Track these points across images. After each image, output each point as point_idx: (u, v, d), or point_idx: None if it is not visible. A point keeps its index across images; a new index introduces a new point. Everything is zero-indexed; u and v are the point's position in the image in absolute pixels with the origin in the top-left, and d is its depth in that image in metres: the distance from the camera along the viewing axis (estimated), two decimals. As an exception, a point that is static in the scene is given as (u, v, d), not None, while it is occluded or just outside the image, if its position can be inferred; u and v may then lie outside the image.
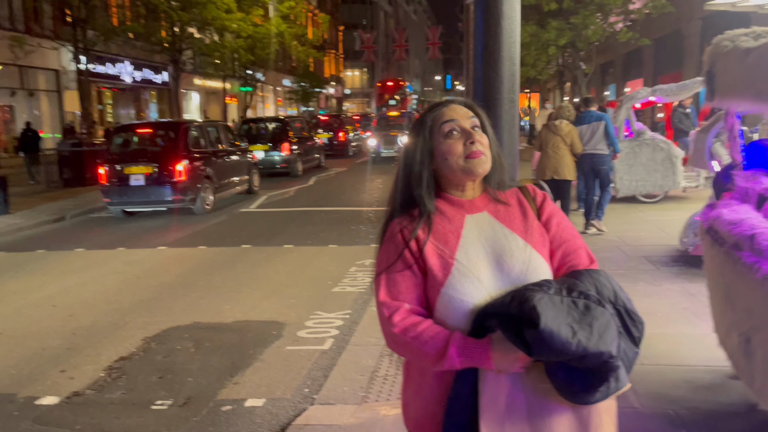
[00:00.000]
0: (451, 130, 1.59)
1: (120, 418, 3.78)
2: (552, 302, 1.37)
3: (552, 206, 1.67)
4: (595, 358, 1.36)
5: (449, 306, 1.50)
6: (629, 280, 5.81)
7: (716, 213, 3.06)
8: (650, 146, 10.09)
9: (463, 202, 1.63)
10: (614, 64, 31.28)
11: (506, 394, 1.46)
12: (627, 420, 3.25)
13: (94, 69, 21.80)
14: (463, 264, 1.52)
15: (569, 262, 1.59)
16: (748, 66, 2.58)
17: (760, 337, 2.64)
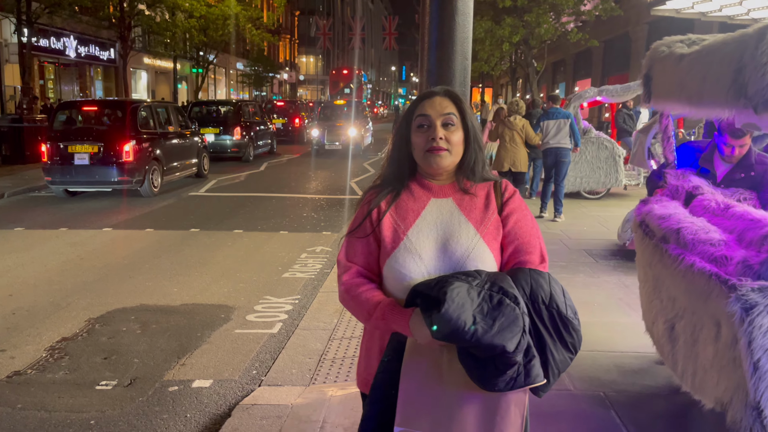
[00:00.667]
0: (421, 124, 1.71)
1: (63, 397, 3.74)
2: (467, 293, 1.48)
3: (516, 204, 1.75)
4: (488, 349, 1.45)
5: (390, 276, 1.67)
6: (569, 272, 6.07)
7: (648, 208, 3.26)
8: (595, 144, 10.46)
9: (432, 186, 1.76)
10: (565, 64, 32.09)
11: (426, 369, 1.58)
12: (561, 400, 3.45)
13: (37, 43, 20.93)
14: (411, 241, 1.67)
15: (518, 258, 1.68)
16: (680, 71, 2.77)
17: (682, 324, 2.85)
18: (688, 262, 2.61)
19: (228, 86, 43.24)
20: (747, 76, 2.13)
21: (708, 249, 2.58)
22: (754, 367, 2.24)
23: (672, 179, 3.47)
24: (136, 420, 3.49)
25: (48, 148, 10.91)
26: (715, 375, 2.54)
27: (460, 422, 1.53)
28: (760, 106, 2.12)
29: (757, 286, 2.23)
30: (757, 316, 2.21)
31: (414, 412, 1.55)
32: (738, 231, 2.67)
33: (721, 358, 2.47)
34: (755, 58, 2.10)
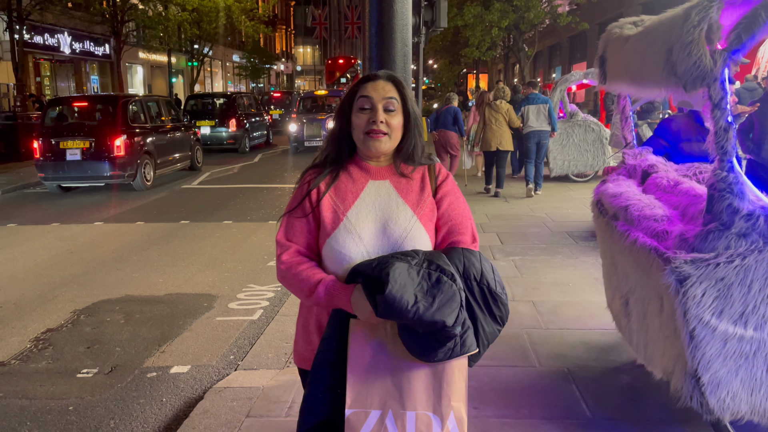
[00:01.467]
0: (363, 106, 1.76)
1: (44, 385, 3.85)
2: (408, 272, 1.56)
3: (450, 187, 1.84)
4: (430, 325, 1.54)
5: (331, 255, 1.72)
6: (549, 254, 6.15)
7: (604, 187, 3.34)
8: (582, 127, 10.50)
9: (371, 168, 1.81)
10: (560, 47, 31.97)
11: (372, 347, 1.65)
12: (525, 377, 3.56)
13: (31, 39, 20.96)
14: (351, 222, 1.73)
15: (451, 238, 1.78)
16: (625, 52, 2.83)
17: (634, 298, 2.93)
18: (632, 237, 2.69)
19: (225, 79, 43.19)
20: (675, 55, 2.20)
21: (651, 224, 2.65)
22: (690, 336, 2.33)
23: (629, 159, 3.54)
24: (114, 405, 3.59)
25: (40, 144, 10.99)
26: (661, 346, 2.63)
27: (410, 393, 1.62)
28: (688, 85, 2.18)
29: (690, 258, 2.31)
30: (691, 287, 2.28)
31: (364, 391, 1.62)
32: (683, 206, 2.74)
33: (664, 330, 2.55)
34: (681, 38, 2.17)
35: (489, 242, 6.70)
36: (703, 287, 2.30)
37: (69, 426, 3.37)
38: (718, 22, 2.18)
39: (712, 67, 2.15)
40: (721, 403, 2.40)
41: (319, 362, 1.70)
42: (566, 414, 3.12)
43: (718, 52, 2.17)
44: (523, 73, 19.01)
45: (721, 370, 2.36)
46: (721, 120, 2.22)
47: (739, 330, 2.37)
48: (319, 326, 1.79)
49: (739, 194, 2.31)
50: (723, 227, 2.31)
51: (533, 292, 5.01)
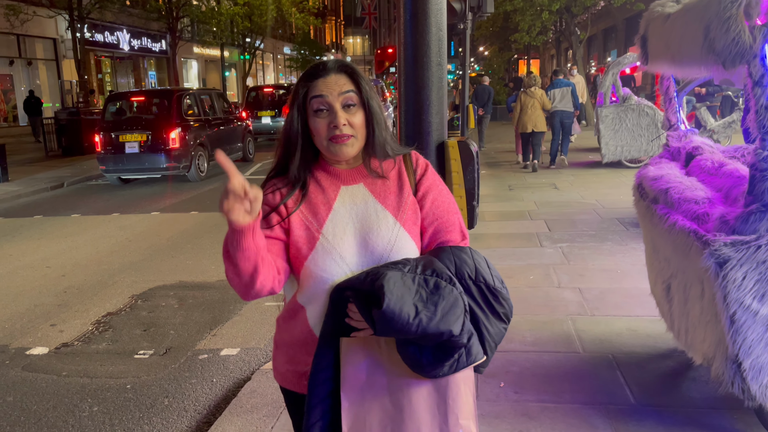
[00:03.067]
0: (319, 108, 1.52)
1: (104, 365, 4.07)
2: (402, 281, 1.39)
3: (431, 180, 1.64)
4: (436, 337, 1.38)
5: (310, 279, 1.52)
6: (597, 240, 6.04)
7: (645, 171, 3.26)
8: (635, 111, 10.20)
9: (340, 172, 1.59)
10: (616, 30, 30.99)
11: (366, 366, 1.48)
12: (567, 362, 3.53)
13: (92, 38, 21.82)
14: (328, 239, 1.52)
15: (440, 238, 1.60)
16: (665, 30, 2.75)
17: (676, 283, 2.87)
18: (672, 220, 2.63)
19: (276, 71, 43.85)
20: (714, 32, 2.14)
21: (692, 207, 2.59)
22: (730, 320, 2.27)
23: (673, 141, 3.45)
24: (168, 384, 3.77)
25: (101, 138, 11.50)
26: (702, 331, 2.57)
27: (412, 414, 1.45)
28: (728, 62, 2.12)
29: (730, 240, 2.25)
30: (731, 270, 2.23)
31: (362, 416, 1.46)
32: (726, 188, 2.66)
33: (705, 314, 2.50)
34: (719, 14, 2.10)
35: (536, 229, 6.63)
36: (744, 270, 2.23)
37: (126, 403, 3.56)
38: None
39: (752, 43, 2.08)
40: (764, 389, 2.34)
41: (315, 388, 1.50)
42: (609, 399, 3.09)
43: (757, 28, 2.09)
44: (575, 58, 18.54)
45: (763, 356, 2.30)
46: (762, 98, 2.14)
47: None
48: (302, 343, 1.58)
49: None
50: (765, 208, 2.24)
51: (579, 279, 4.94)
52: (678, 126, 3.55)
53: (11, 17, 17.53)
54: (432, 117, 2.45)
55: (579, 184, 9.30)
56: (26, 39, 21.05)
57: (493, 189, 9.24)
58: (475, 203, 2.35)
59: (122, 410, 3.48)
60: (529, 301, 4.50)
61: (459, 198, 2.38)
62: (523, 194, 8.73)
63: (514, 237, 6.39)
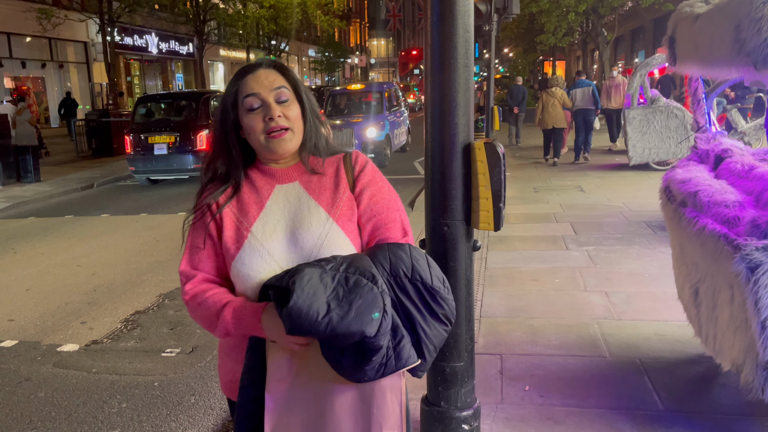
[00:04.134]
0: (252, 106, 1.49)
1: (132, 362, 4.14)
2: (320, 278, 1.33)
3: (369, 176, 1.58)
4: (347, 337, 1.30)
5: (239, 279, 1.48)
6: (624, 244, 5.97)
7: (673, 173, 3.22)
8: (664, 113, 10.04)
9: (275, 171, 1.56)
10: (644, 31, 30.57)
11: (291, 368, 1.42)
12: (593, 366, 3.50)
13: (122, 41, 22.22)
14: (256, 237, 1.48)
15: (379, 235, 1.53)
16: (694, 31, 2.70)
17: (704, 288, 2.82)
18: (701, 224, 2.59)
19: (301, 73, 44.16)
20: (745, 32, 2.10)
21: (722, 211, 2.54)
22: (761, 326, 2.23)
23: (702, 143, 3.39)
24: (194, 382, 3.82)
25: (131, 139, 11.73)
26: (731, 337, 2.52)
27: (335, 421, 1.40)
28: (759, 63, 2.08)
29: (761, 245, 2.20)
30: (763, 275, 2.18)
31: (284, 421, 1.41)
32: (757, 192, 2.61)
33: (735, 320, 2.45)
34: (750, 14, 2.06)
35: (562, 232, 6.57)
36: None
37: (154, 400, 3.62)
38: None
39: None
40: None
41: (243, 399, 1.47)
42: (636, 405, 3.05)
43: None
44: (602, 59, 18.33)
45: None
46: None
47: None
48: (239, 353, 1.52)
49: None
50: None
51: (606, 283, 4.88)
52: (707, 128, 3.50)
53: (44, 21, 17.93)
54: (458, 119, 2.44)
55: (605, 187, 9.19)
56: (58, 42, 21.52)
57: (518, 191, 9.18)
58: (502, 205, 2.34)
59: (150, 407, 3.53)
60: (555, 305, 4.46)
61: (485, 200, 2.36)
62: (548, 196, 8.66)
63: (540, 240, 6.35)
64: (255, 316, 1.40)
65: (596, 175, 10.35)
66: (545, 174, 10.65)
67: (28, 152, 12.31)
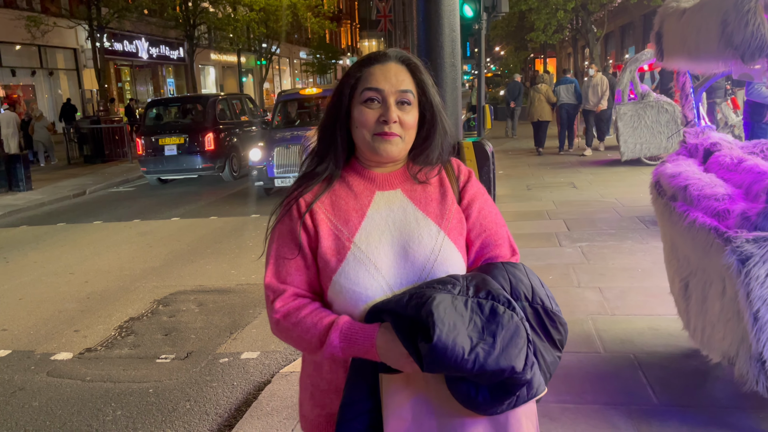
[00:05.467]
0: (370, 98, 1.35)
1: (127, 370, 4.12)
2: (453, 307, 1.19)
3: (476, 188, 1.46)
4: (495, 375, 1.17)
5: (341, 296, 1.33)
6: (618, 239, 5.98)
7: (662, 168, 3.23)
8: (654, 108, 10.07)
9: (375, 176, 1.42)
10: (633, 27, 30.68)
11: (411, 407, 1.28)
12: (588, 363, 3.50)
13: (111, 47, 22.14)
14: (360, 249, 1.34)
15: (488, 253, 1.42)
16: (681, 25, 2.72)
17: (694, 281, 2.83)
18: (691, 217, 2.60)
19: (293, 76, 44.12)
20: (731, 25, 2.11)
21: (712, 204, 2.55)
22: (754, 318, 2.24)
23: (690, 138, 3.40)
24: (189, 388, 3.80)
25: (142, 142, 12.10)
26: (722, 329, 2.53)
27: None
28: (746, 56, 2.09)
29: (752, 236, 2.22)
30: (754, 266, 2.19)
31: None
32: (746, 184, 2.62)
33: (726, 313, 2.46)
34: (737, 7, 2.07)
35: (555, 229, 6.58)
36: (767, 267, 2.20)
37: (149, 407, 3.60)
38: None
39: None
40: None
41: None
42: (631, 400, 3.06)
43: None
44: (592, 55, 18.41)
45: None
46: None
47: None
48: (334, 387, 1.38)
49: None
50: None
51: (600, 278, 4.89)
52: (695, 122, 3.51)
53: (32, 29, 17.85)
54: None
55: (598, 183, 9.22)
56: (47, 49, 21.42)
57: (511, 189, 9.20)
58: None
59: (145, 414, 3.52)
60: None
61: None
62: (541, 194, 8.68)
63: (533, 237, 6.35)
64: (368, 340, 1.25)
65: (589, 171, 10.38)
66: (538, 172, 10.67)
67: (19, 161, 12.27)
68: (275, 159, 9.57)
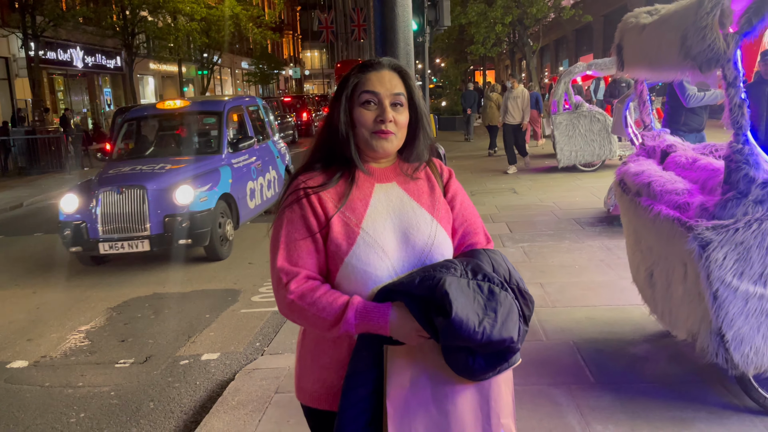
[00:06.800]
0: (368, 100, 1.55)
1: (86, 375, 4.15)
2: (460, 287, 1.38)
3: (457, 184, 1.69)
4: (498, 344, 1.38)
5: (352, 276, 1.49)
6: (556, 239, 6.37)
7: (626, 168, 3.61)
8: (587, 118, 10.68)
9: (374, 169, 1.60)
10: (567, 40, 32.05)
11: (411, 374, 1.46)
12: (532, 350, 3.79)
13: (45, 56, 21.46)
14: (369, 234, 1.50)
15: (469, 240, 1.62)
16: (642, 39, 3.08)
17: (659, 269, 3.18)
18: (656, 210, 2.94)
19: (234, 86, 43.70)
20: (690, 39, 2.44)
21: (673, 198, 2.90)
22: (714, 297, 2.57)
23: (648, 140, 3.80)
24: (151, 389, 3.88)
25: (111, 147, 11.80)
26: (686, 310, 2.87)
27: (457, 418, 1.46)
28: (704, 66, 2.43)
29: (711, 225, 2.56)
30: (713, 251, 2.53)
31: (407, 424, 1.45)
32: (701, 180, 2.98)
33: (689, 294, 2.79)
34: (695, 23, 2.41)
35: (498, 231, 6.93)
36: (724, 251, 2.53)
37: (112, 408, 3.66)
38: (730, 8, 2.40)
39: (726, 49, 2.38)
40: (745, 358, 2.63)
41: (347, 403, 1.47)
42: (571, 380, 3.36)
43: (730, 35, 2.40)
44: (528, 68, 19.19)
45: (743, 327, 2.59)
46: (736, 97, 2.46)
47: (759, 289, 2.59)
48: (336, 363, 1.54)
49: (754, 165, 2.54)
50: (740, 195, 2.55)
51: (541, 275, 5.23)
52: (652, 126, 3.91)
53: (-39, 36, 17.17)
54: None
55: (537, 188, 9.68)
56: (-23, 58, 20.59)
57: (455, 195, 9.53)
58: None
59: (109, 416, 3.58)
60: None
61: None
62: (484, 199, 9.06)
63: (478, 239, 6.67)
64: (383, 318, 1.42)
65: (528, 177, 10.87)
66: (481, 178, 11.09)
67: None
68: (99, 210, 6.27)
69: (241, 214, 7.38)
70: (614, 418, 2.97)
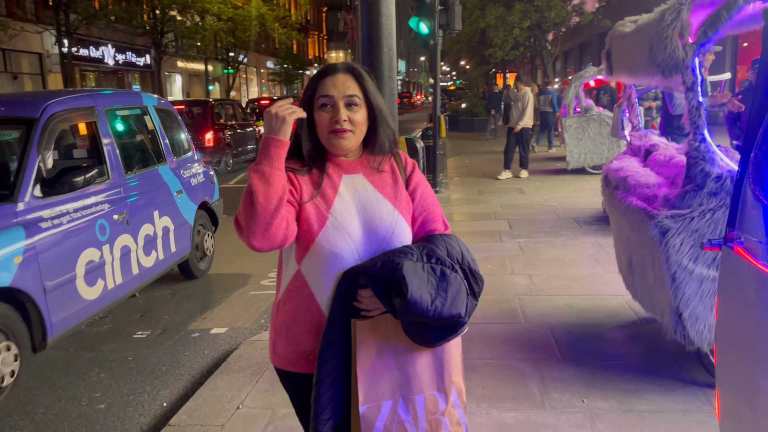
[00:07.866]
0: (324, 104, 1.69)
1: (107, 342, 4.59)
2: (415, 271, 1.57)
3: (419, 176, 1.86)
4: (448, 320, 1.59)
5: (321, 254, 1.66)
6: (551, 236, 6.68)
7: (610, 164, 3.95)
8: (597, 121, 10.92)
9: (341, 162, 1.75)
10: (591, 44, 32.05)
11: (377, 344, 1.66)
12: (510, 331, 4.14)
13: (77, 52, 22.25)
14: (337, 219, 1.67)
15: (428, 227, 1.81)
16: (623, 46, 3.41)
17: (636, 257, 3.50)
18: (627, 202, 3.27)
19: (259, 85, 44.45)
20: (655, 48, 2.78)
21: (644, 191, 3.23)
22: (672, 278, 2.89)
23: (634, 140, 4.13)
24: (164, 356, 4.30)
25: None
26: (657, 294, 3.19)
27: (416, 378, 1.68)
28: (666, 72, 2.77)
29: (670, 214, 2.89)
30: (672, 237, 2.86)
31: (374, 386, 1.64)
32: (672, 176, 3.30)
33: (658, 279, 3.11)
34: (659, 34, 2.75)
35: (499, 227, 7.25)
36: (681, 237, 2.86)
37: (129, 370, 4.09)
38: (688, 21, 2.74)
39: (684, 57, 2.72)
40: (700, 335, 2.95)
41: (326, 372, 1.67)
42: (539, 356, 3.69)
43: (688, 45, 2.74)
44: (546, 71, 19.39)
45: (698, 307, 2.91)
46: (694, 100, 2.80)
47: (712, 272, 2.90)
48: (306, 328, 1.72)
49: (710, 161, 2.87)
50: (697, 188, 2.88)
51: (531, 267, 5.55)
52: (640, 127, 4.23)
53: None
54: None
55: (544, 189, 9.95)
56: (11, 53, 21.42)
57: (465, 194, 9.86)
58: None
59: (126, 376, 4.01)
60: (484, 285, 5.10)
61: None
62: (491, 198, 9.37)
63: (478, 234, 7.00)
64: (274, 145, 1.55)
65: (537, 179, 11.13)
66: (491, 179, 11.39)
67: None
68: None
69: (52, 320, 3.76)
70: (571, 388, 3.30)
